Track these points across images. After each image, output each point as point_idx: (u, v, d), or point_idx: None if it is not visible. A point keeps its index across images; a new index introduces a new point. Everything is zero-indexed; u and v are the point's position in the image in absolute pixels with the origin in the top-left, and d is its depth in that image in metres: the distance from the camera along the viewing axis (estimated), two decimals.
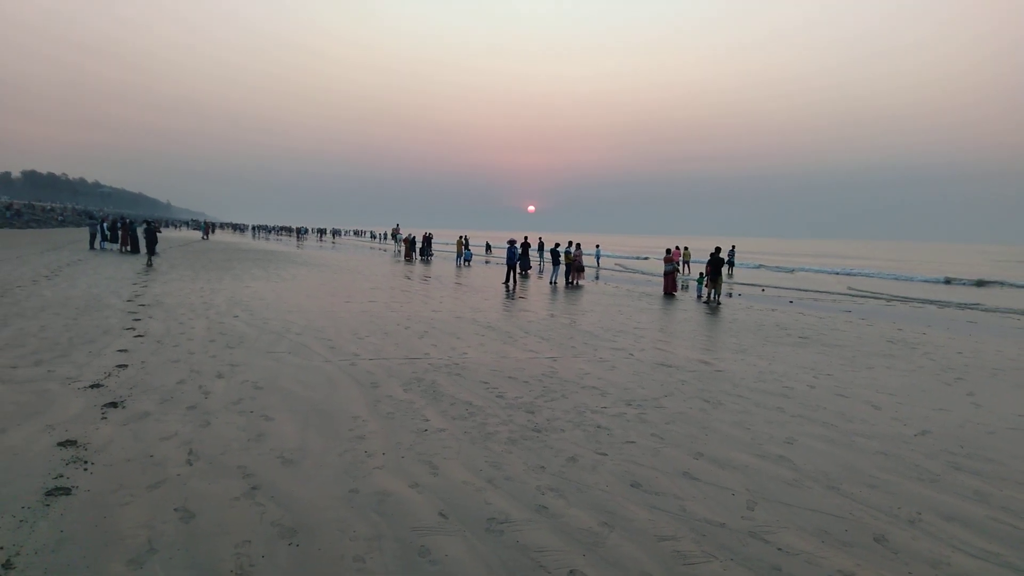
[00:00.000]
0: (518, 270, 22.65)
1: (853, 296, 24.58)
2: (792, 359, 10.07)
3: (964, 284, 33.02)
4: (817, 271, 42.33)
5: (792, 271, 41.65)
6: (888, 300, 23.31)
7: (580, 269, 23.25)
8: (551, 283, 23.02)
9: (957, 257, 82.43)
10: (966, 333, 14.39)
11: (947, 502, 4.73)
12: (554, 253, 23.73)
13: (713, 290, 18.82)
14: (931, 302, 22.83)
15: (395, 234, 52.87)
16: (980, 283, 33.17)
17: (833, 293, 25.59)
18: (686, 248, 34.03)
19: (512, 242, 22.99)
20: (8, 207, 70.58)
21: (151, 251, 23.80)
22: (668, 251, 23.23)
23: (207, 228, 64.03)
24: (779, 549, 3.89)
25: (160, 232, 29.10)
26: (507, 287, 20.82)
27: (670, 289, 20.71)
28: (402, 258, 36.98)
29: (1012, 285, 32.28)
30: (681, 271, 30.88)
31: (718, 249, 19.52)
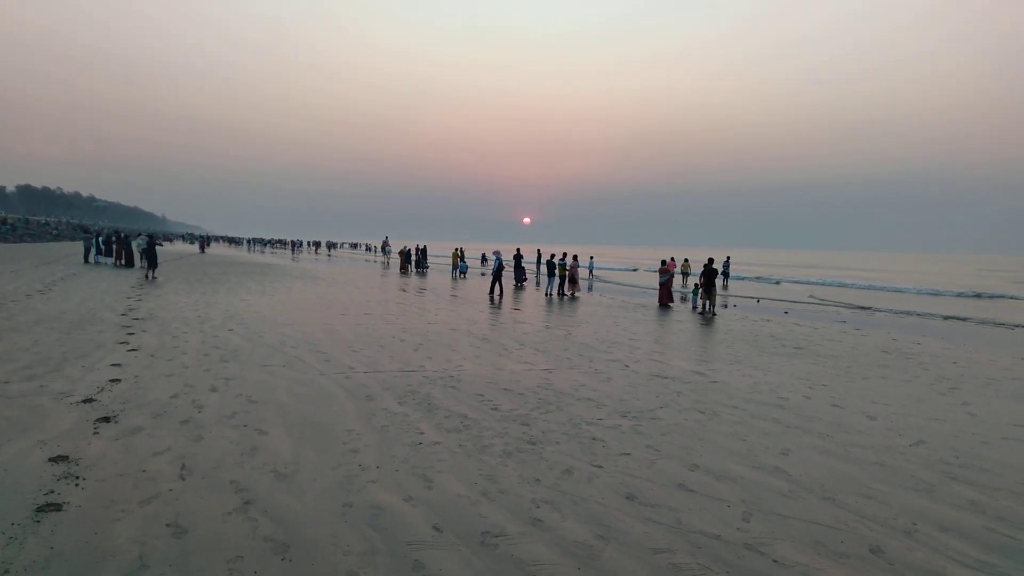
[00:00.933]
0: (501, 282, 22.82)
1: (812, 304, 24.66)
2: (787, 370, 10.08)
3: (951, 296, 33.07)
4: (805, 283, 41.84)
5: (777, 282, 41.10)
6: (865, 310, 23.38)
7: (575, 281, 23.30)
8: (546, 295, 23.03)
9: (945, 267, 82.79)
10: (960, 343, 14.45)
11: (943, 512, 4.73)
12: (549, 265, 23.80)
13: (707, 301, 18.87)
14: (911, 313, 22.90)
15: (384, 247, 52.98)
16: (979, 296, 33.09)
17: (796, 301, 25.67)
18: (685, 260, 34.03)
19: (497, 253, 23.26)
20: (3, 221, 70.43)
21: (152, 264, 23.81)
22: (663, 262, 23.30)
23: (203, 241, 64.03)
24: (774, 561, 3.88)
25: (160, 245, 29.25)
26: (491, 298, 20.95)
27: (665, 300, 20.74)
28: (392, 270, 37.09)
29: (1012, 298, 32.28)
30: (684, 283, 31.01)
31: (711, 260, 19.64)
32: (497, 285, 21.94)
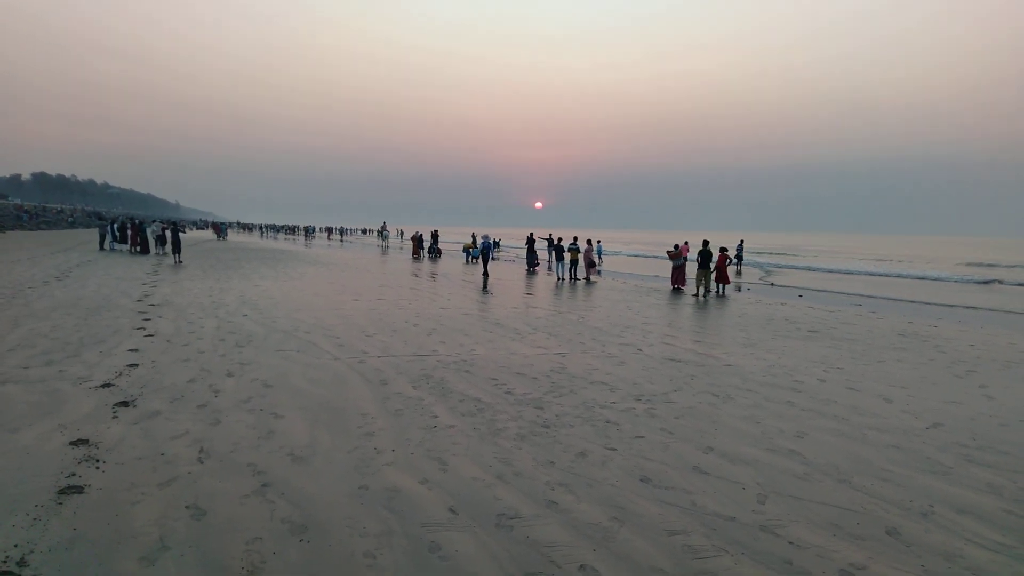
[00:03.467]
0: (489, 267, 23.22)
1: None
2: (802, 353, 10.02)
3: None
4: (797, 268, 40.58)
5: (769, 270, 39.93)
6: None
7: (591, 265, 23.27)
8: (559, 279, 23.02)
9: (940, 251, 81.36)
10: (977, 326, 14.29)
11: (960, 495, 4.70)
12: (558, 249, 23.79)
13: (703, 284, 18.69)
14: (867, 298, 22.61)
15: (382, 231, 53.18)
16: (993, 282, 32.37)
17: (755, 283, 25.43)
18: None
19: (486, 237, 23.68)
20: (21, 209, 71.22)
21: (177, 249, 25.81)
22: (676, 246, 23.16)
23: (216, 227, 64.27)
24: (790, 543, 3.87)
25: (184, 232, 30.81)
26: (485, 280, 21.14)
27: (678, 283, 20.65)
28: (391, 254, 37.47)
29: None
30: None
31: (706, 242, 19.68)
32: (485, 267, 22.37)
